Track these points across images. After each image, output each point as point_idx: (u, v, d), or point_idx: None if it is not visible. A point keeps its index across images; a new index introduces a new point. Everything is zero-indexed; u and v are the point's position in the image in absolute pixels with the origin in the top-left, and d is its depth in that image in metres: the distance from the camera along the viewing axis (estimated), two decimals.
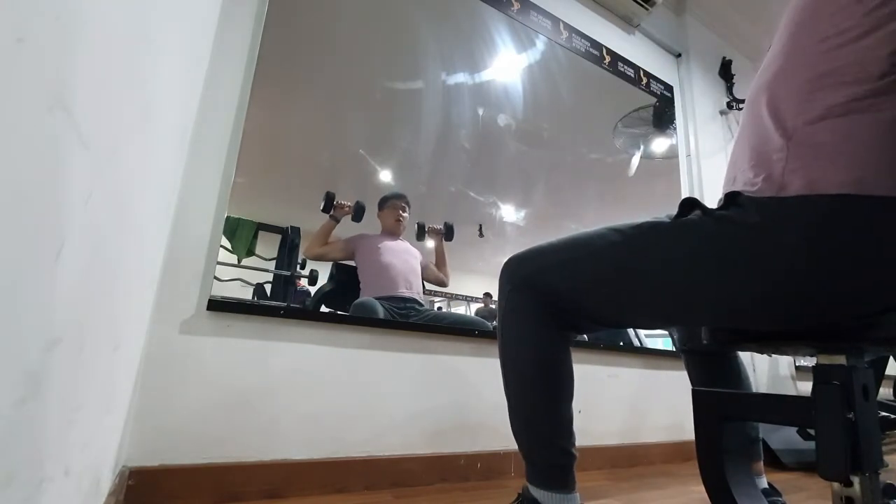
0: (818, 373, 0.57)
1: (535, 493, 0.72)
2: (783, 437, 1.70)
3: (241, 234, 1.18)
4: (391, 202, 1.45)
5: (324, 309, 1.29)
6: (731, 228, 0.59)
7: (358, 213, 1.38)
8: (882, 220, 0.52)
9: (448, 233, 1.54)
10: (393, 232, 1.45)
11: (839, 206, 0.53)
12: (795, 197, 0.56)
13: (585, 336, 1.63)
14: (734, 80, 2.52)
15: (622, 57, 2.20)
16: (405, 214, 1.46)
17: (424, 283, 1.50)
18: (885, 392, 2.26)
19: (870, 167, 0.53)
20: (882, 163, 0.53)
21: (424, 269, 1.50)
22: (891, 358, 1.84)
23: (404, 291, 1.40)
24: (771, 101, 0.62)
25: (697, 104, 2.39)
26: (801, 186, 0.55)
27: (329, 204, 1.34)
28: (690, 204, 0.65)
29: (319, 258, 1.32)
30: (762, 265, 0.57)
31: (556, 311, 0.73)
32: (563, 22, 2.02)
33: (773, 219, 0.57)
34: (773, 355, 2.01)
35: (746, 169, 0.63)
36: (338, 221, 1.35)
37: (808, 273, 0.55)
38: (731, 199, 0.61)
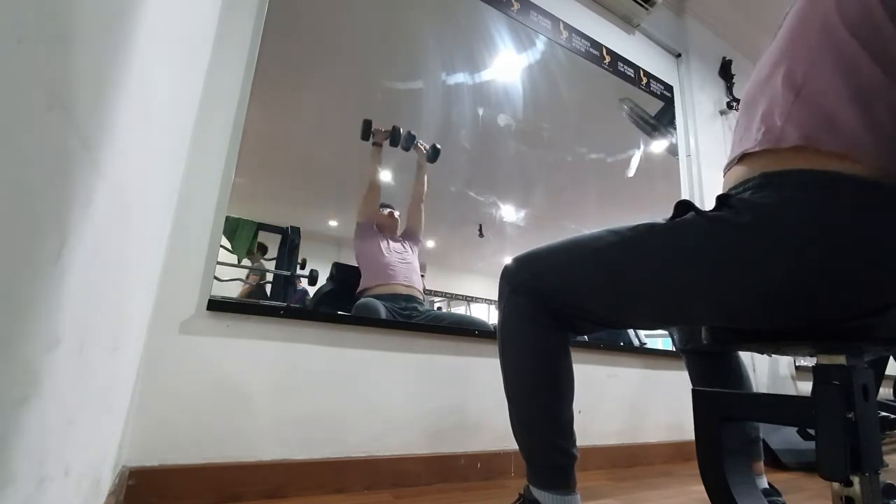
0: (818, 373, 0.57)
1: (537, 493, 0.72)
2: (783, 437, 1.70)
3: (241, 234, 1.18)
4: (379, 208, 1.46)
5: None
6: (724, 228, 0.60)
7: (395, 136, 1.43)
8: (872, 214, 0.53)
9: (433, 153, 1.53)
10: (390, 229, 1.46)
11: (829, 192, 0.54)
12: (786, 173, 0.56)
13: (585, 336, 1.63)
14: (734, 80, 2.52)
15: (622, 57, 2.20)
16: (396, 212, 1.47)
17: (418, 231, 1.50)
18: (885, 392, 2.26)
19: (861, 138, 0.53)
20: (869, 136, 0.53)
21: (410, 216, 1.49)
22: (891, 358, 1.84)
23: (404, 289, 1.41)
24: (788, 65, 0.63)
25: (697, 104, 2.39)
26: (797, 138, 0.57)
27: (367, 131, 1.39)
28: (685, 206, 0.66)
29: (370, 175, 1.40)
30: (755, 264, 0.58)
31: (555, 312, 0.74)
32: (563, 22, 2.02)
33: (765, 217, 0.57)
34: (773, 355, 2.01)
35: (753, 133, 0.63)
36: (380, 146, 1.42)
37: (801, 270, 0.55)
38: (722, 200, 0.62)
